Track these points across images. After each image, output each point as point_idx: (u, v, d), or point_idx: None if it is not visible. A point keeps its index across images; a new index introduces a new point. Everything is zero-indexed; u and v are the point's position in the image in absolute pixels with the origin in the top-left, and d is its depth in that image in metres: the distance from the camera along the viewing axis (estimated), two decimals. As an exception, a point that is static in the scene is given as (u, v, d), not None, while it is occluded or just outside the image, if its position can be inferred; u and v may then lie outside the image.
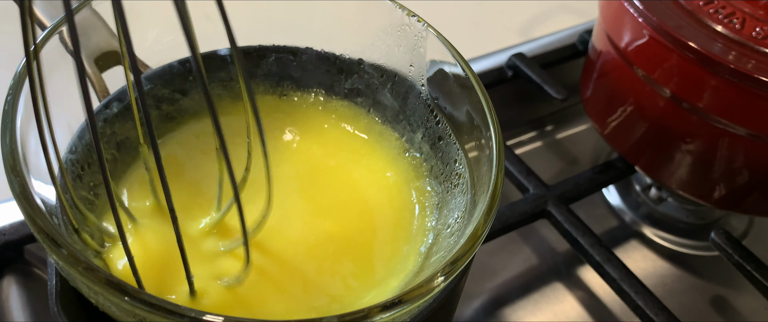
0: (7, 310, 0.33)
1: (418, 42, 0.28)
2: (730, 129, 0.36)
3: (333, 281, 0.24)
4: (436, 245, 0.26)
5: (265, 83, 0.31)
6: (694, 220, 0.46)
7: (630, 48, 0.39)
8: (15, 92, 0.21)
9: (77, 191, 0.24)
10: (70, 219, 0.22)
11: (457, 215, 0.26)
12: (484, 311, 0.39)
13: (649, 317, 0.35)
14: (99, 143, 0.18)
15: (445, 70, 0.27)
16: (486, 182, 0.23)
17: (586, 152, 0.51)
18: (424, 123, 0.29)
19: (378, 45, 0.30)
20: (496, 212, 0.22)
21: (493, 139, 0.24)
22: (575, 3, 0.65)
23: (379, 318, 0.18)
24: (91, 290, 0.19)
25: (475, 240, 0.21)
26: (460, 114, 0.27)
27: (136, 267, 0.20)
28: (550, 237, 0.43)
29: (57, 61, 0.24)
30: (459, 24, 0.62)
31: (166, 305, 0.17)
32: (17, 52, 0.23)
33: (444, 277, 0.19)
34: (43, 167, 0.22)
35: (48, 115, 0.20)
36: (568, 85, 0.49)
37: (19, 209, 0.19)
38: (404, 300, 0.19)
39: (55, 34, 0.23)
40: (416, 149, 0.29)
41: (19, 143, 0.20)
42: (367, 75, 0.30)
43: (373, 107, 0.31)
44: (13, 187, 0.19)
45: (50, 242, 0.18)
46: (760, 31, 0.36)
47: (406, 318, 0.21)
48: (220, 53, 0.29)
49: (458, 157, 0.27)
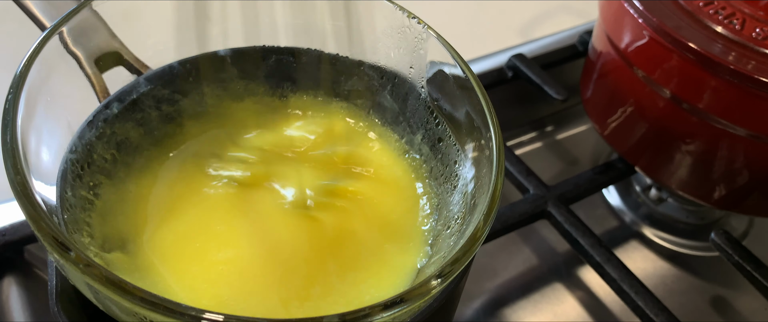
0: (7, 310, 0.33)
1: (419, 43, 0.28)
2: (730, 129, 0.36)
3: (331, 277, 0.24)
4: (436, 245, 0.26)
5: (265, 85, 0.31)
6: (694, 220, 0.46)
7: (630, 49, 0.39)
8: (15, 92, 0.21)
9: (77, 191, 0.24)
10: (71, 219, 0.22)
11: (457, 216, 0.26)
12: (484, 311, 0.39)
13: (649, 318, 0.35)
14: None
15: (445, 71, 0.27)
16: (486, 183, 0.23)
17: (586, 153, 0.51)
18: (424, 124, 0.29)
19: (378, 47, 0.30)
20: (496, 213, 0.22)
21: (494, 140, 0.24)
22: (575, 3, 0.65)
23: (379, 317, 0.18)
24: (91, 290, 0.19)
25: (474, 241, 0.21)
26: (460, 115, 0.27)
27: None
28: (550, 237, 0.43)
29: (57, 61, 0.24)
30: (459, 24, 0.62)
31: (167, 303, 0.17)
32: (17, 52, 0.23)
33: (444, 277, 0.19)
34: (43, 167, 0.22)
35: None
36: (568, 85, 0.49)
37: (21, 208, 0.19)
38: (405, 300, 0.19)
39: (55, 34, 0.23)
40: (416, 151, 0.29)
41: (20, 143, 0.20)
42: (367, 77, 0.30)
43: (372, 109, 0.31)
44: (13, 186, 0.19)
45: (51, 241, 0.18)
46: (760, 31, 0.36)
47: (407, 318, 0.21)
48: (220, 54, 0.29)
49: (458, 158, 0.27)
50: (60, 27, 0.23)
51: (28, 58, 0.22)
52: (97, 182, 0.25)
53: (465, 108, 0.26)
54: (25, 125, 0.21)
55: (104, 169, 0.26)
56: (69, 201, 0.23)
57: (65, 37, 0.24)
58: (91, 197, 0.25)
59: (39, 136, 0.22)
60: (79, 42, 0.25)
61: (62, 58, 0.24)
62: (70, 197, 0.23)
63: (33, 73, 0.22)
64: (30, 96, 0.21)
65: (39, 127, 0.22)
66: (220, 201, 0.26)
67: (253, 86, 0.30)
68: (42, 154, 0.22)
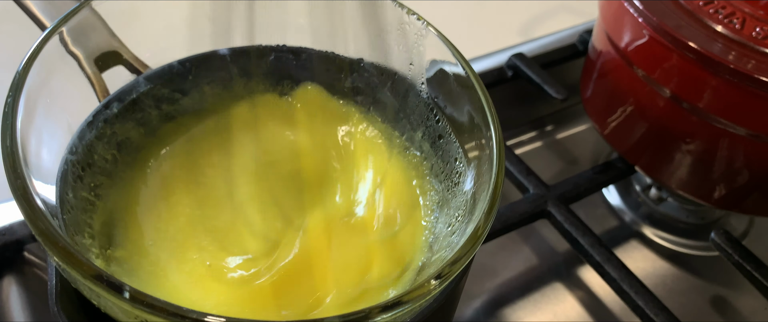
0: (7, 310, 0.33)
1: (418, 41, 0.28)
2: (730, 129, 0.36)
3: (335, 275, 0.24)
4: (437, 243, 0.26)
5: (265, 83, 0.31)
6: (694, 220, 0.46)
7: (630, 48, 0.39)
8: (15, 93, 0.21)
9: (78, 192, 0.24)
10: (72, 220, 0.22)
11: (458, 214, 0.26)
12: (484, 311, 0.39)
13: (649, 317, 0.35)
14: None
15: (445, 69, 0.27)
16: (486, 181, 0.23)
17: (586, 152, 0.51)
18: (425, 122, 0.29)
19: (378, 44, 0.30)
20: (496, 211, 0.22)
21: (494, 138, 0.24)
22: (575, 3, 0.65)
23: (379, 318, 0.18)
24: (92, 292, 0.19)
25: (475, 240, 0.21)
26: (460, 113, 0.27)
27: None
28: (550, 237, 0.43)
29: (57, 61, 0.24)
30: (459, 24, 0.62)
31: (168, 306, 0.17)
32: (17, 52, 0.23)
33: (445, 276, 0.19)
34: (43, 168, 0.22)
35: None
36: (568, 85, 0.49)
37: (20, 210, 0.19)
38: (404, 300, 0.19)
39: (55, 34, 0.23)
40: (416, 148, 0.29)
41: (20, 145, 0.20)
42: (366, 74, 0.30)
43: (373, 106, 0.31)
44: (13, 188, 0.19)
45: (52, 244, 0.18)
46: (760, 31, 0.36)
47: (407, 318, 0.21)
48: (220, 52, 0.29)
49: (458, 155, 0.27)
50: (60, 27, 0.23)
51: (28, 59, 0.22)
52: (98, 183, 0.25)
53: (465, 106, 0.26)
54: (25, 127, 0.21)
55: (105, 169, 0.26)
56: (70, 202, 0.23)
57: (65, 37, 0.24)
58: (92, 198, 0.25)
59: (39, 137, 0.22)
60: (78, 41, 0.25)
61: (62, 58, 0.24)
62: (71, 198, 0.23)
63: (33, 75, 0.21)
64: (30, 97, 0.21)
65: (39, 128, 0.22)
66: (223, 202, 0.26)
67: (253, 85, 0.30)
68: (42, 156, 0.22)
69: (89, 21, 0.26)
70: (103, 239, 0.24)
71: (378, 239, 0.26)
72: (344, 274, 0.25)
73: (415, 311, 0.21)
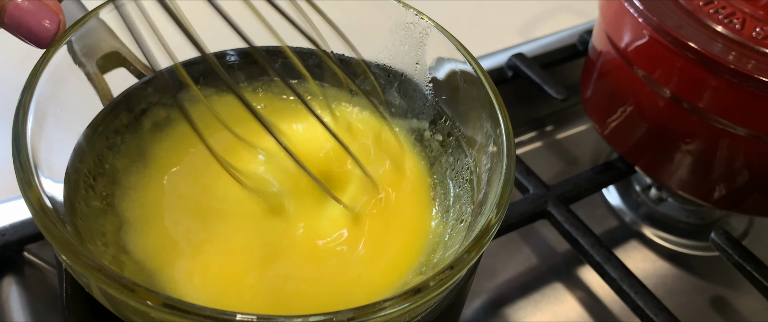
0: (7, 310, 0.33)
1: (424, 39, 0.28)
2: (730, 129, 0.36)
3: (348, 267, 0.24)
4: (451, 238, 0.26)
5: (273, 85, 0.31)
6: (694, 220, 0.46)
7: (630, 48, 0.39)
8: (24, 104, 0.21)
9: (89, 199, 0.24)
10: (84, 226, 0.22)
11: (469, 209, 0.26)
12: (484, 311, 0.39)
13: (649, 317, 0.35)
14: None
15: (451, 65, 0.27)
16: (498, 174, 0.23)
17: (586, 152, 0.51)
18: (434, 119, 0.29)
19: (384, 44, 0.30)
20: (508, 202, 0.22)
21: (504, 131, 0.24)
22: (575, 3, 0.65)
23: (393, 311, 0.18)
24: (109, 298, 0.19)
25: (488, 231, 0.21)
26: (469, 109, 0.27)
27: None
28: (550, 237, 0.43)
29: (66, 70, 0.24)
30: (459, 24, 0.62)
31: (183, 306, 0.17)
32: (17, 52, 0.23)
33: (457, 268, 0.19)
34: (55, 176, 0.22)
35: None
36: (568, 85, 0.49)
37: (34, 219, 0.19)
38: (417, 293, 0.18)
39: (64, 43, 0.23)
40: (426, 145, 0.30)
41: (31, 154, 0.20)
42: (374, 74, 0.30)
43: (381, 105, 0.31)
44: (27, 199, 0.19)
45: (67, 250, 0.18)
46: (760, 31, 0.36)
47: (419, 314, 0.21)
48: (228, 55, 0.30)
49: (468, 151, 0.27)
50: (69, 36, 0.23)
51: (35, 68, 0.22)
52: (108, 192, 0.25)
53: (474, 101, 0.26)
54: (36, 135, 0.21)
55: (114, 177, 0.26)
56: (81, 209, 0.23)
57: (74, 47, 0.24)
58: (103, 207, 0.25)
59: (49, 146, 0.22)
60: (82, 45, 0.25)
61: (71, 67, 0.24)
62: (83, 205, 0.23)
63: (41, 84, 0.22)
64: (39, 107, 0.21)
65: (49, 137, 0.22)
66: (235, 205, 0.26)
67: (262, 87, 0.30)
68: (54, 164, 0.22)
69: (89, 22, 0.26)
70: (116, 245, 0.23)
71: (391, 232, 0.26)
72: (358, 267, 0.25)
73: (429, 305, 0.21)
